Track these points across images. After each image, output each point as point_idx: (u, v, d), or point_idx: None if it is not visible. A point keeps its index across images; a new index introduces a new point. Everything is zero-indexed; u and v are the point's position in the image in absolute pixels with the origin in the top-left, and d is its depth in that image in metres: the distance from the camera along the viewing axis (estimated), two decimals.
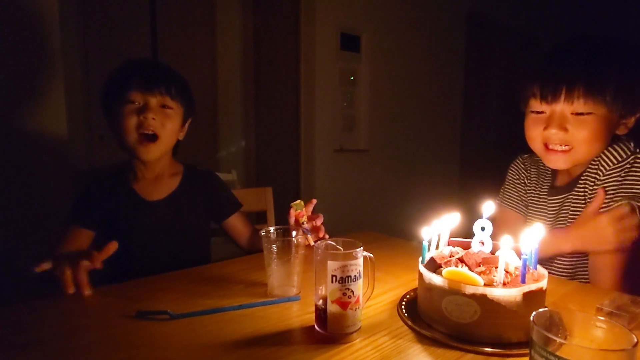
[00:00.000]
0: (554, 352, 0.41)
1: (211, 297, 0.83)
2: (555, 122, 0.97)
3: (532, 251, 0.70)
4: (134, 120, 1.07)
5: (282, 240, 0.85)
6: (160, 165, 1.18)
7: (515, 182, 1.22)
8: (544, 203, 1.12)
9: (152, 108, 1.08)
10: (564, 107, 0.96)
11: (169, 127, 1.11)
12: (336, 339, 0.66)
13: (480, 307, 0.64)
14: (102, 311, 0.77)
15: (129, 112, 1.08)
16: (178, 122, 1.15)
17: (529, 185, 1.19)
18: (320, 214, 1.08)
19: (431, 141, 3.55)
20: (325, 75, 2.76)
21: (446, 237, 0.82)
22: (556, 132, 0.97)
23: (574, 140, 0.96)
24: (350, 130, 2.97)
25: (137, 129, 1.08)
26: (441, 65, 3.54)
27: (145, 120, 1.07)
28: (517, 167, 1.23)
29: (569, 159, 0.99)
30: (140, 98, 1.08)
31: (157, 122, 1.09)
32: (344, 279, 0.65)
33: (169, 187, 1.18)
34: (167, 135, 1.11)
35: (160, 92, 1.09)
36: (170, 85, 1.11)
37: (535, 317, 0.46)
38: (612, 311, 0.70)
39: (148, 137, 1.09)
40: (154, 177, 1.18)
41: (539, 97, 0.99)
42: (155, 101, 1.09)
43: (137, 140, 1.08)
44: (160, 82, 1.10)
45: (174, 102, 1.12)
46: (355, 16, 2.87)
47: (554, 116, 0.97)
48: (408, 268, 1.00)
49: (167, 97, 1.11)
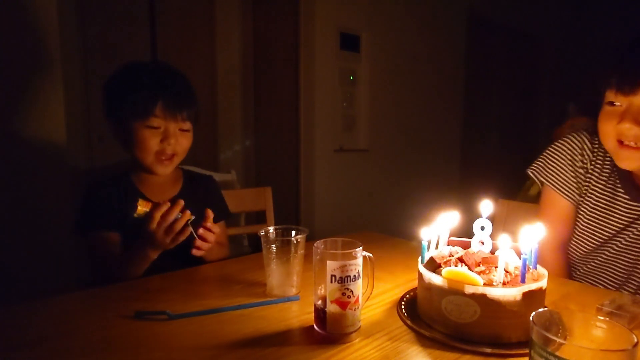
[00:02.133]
0: (553, 352, 0.41)
1: (210, 297, 0.83)
2: (631, 116, 0.86)
3: (532, 250, 0.70)
4: (155, 143, 1.08)
5: (281, 240, 0.84)
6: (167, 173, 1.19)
7: (572, 162, 1.02)
8: (619, 205, 0.98)
9: (172, 134, 1.09)
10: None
11: (185, 146, 1.14)
12: (335, 339, 0.66)
13: (480, 307, 0.63)
14: (101, 311, 0.77)
15: (151, 136, 1.08)
16: (192, 138, 1.17)
17: (591, 174, 1.01)
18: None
19: (432, 141, 3.55)
20: (325, 75, 2.76)
21: (446, 237, 0.82)
22: (630, 126, 0.86)
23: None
24: (350, 130, 2.97)
25: (156, 152, 1.09)
26: (442, 64, 3.53)
27: (168, 147, 1.09)
28: (579, 144, 1.03)
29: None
30: (162, 124, 1.08)
31: (177, 145, 1.11)
32: (343, 278, 0.65)
33: (172, 192, 1.19)
34: (183, 152, 1.14)
35: (182, 117, 1.10)
36: (190, 109, 1.12)
37: (535, 317, 0.46)
38: (612, 311, 0.70)
39: (167, 156, 1.11)
40: (160, 182, 1.18)
41: (614, 88, 0.89)
42: (175, 126, 1.10)
43: (154, 160, 1.10)
44: (182, 107, 1.10)
45: (189, 124, 1.14)
46: (354, 16, 2.87)
47: (630, 109, 0.87)
48: (408, 268, 0.99)
49: (187, 122, 1.12)
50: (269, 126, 3.12)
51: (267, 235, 0.86)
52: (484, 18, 3.86)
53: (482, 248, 0.78)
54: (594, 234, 1.02)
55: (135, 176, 1.17)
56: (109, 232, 1.09)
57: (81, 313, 0.77)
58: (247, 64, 3.14)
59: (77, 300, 0.81)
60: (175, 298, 0.82)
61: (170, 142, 1.09)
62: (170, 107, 1.08)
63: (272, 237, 0.85)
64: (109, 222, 1.09)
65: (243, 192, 1.64)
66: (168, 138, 1.08)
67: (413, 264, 0.76)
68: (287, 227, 0.89)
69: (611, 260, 1.00)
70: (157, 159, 1.10)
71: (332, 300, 0.65)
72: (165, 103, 1.07)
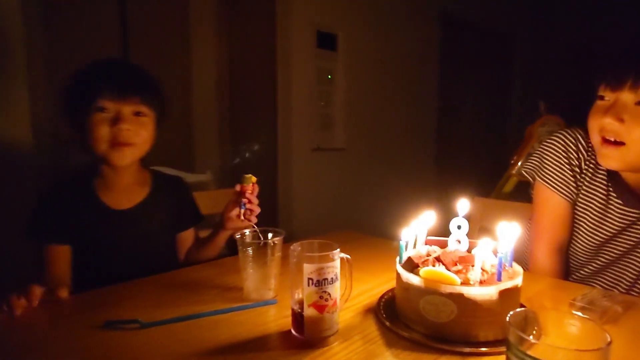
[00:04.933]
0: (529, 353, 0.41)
1: (184, 303, 0.80)
2: (614, 111, 0.88)
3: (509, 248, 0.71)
4: (106, 130, 1.01)
5: (257, 242, 0.83)
6: (130, 171, 1.12)
7: (569, 159, 0.99)
8: (612, 210, 0.96)
9: (125, 118, 1.02)
10: (627, 96, 0.87)
11: (144, 135, 1.06)
12: (313, 343, 0.65)
13: (457, 306, 0.64)
14: (68, 322, 0.74)
15: (100, 120, 1.01)
16: (152, 129, 1.10)
17: (585, 174, 0.99)
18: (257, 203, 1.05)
19: (408, 139, 3.59)
20: (302, 74, 2.74)
21: (423, 236, 0.82)
22: (611, 121, 0.87)
23: (630, 135, 0.86)
24: (328, 129, 2.97)
25: (109, 139, 1.02)
26: (417, 64, 3.57)
27: (120, 132, 1.01)
28: (574, 140, 1.00)
29: (620, 156, 0.89)
30: (112, 106, 1.01)
31: (132, 132, 1.03)
32: (320, 281, 0.64)
33: (139, 196, 1.13)
34: (142, 143, 1.06)
35: (134, 99, 1.03)
36: (145, 92, 1.05)
37: (511, 318, 0.46)
38: (584, 306, 0.71)
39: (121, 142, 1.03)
40: (123, 186, 1.12)
41: (604, 82, 0.91)
42: (129, 109, 1.03)
43: (108, 147, 1.02)
44: (134, 89, 1.03)
45: (148, 109, 1.07)
46: (331, 14, 2.86)
47: (615, 105, 0.88)
48: (387, 268, 0.99)
49: (141, 104, 1.05)
50: (245, 126, 3.08)
51: (243, 237, 0.84)
52: (457, 17, 3.93)
53: (459, 247, 0.79)
54: (590, 237, 0.99)
55: (98, 181, 1.10)
56: (59, 245, 1.03)
57: (48, 324, 0.74)
58: (223, 63, 3.09)
59: (43, 311, 0.77)
60: (147, 305, 0.80)
61: (122, 127, 1.01)
62: (120, 88, 1.01)
63: (248, 240, 0.84)
64: (61, 235, 1.03)
65: (218, 193, 1.61)
66: (120, 122, 1.00)
67: (392, 264, 0.75)
68: (264, 229, 0.88)
69: (609, 264, 0.99)
70: (111, 146, 1.02)
71: (309, 304, 0.64)
72: (115, 80, 1.02)
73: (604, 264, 1.00)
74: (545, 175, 1.01)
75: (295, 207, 2.76)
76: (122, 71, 1.08)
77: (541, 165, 1.03)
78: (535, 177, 1.05)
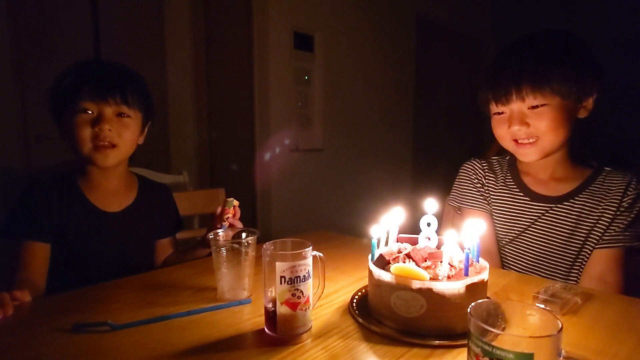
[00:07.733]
0: (489, 342, 0.43)
1: (157, 304, 0.80)
2: (516, 119, 1.02)
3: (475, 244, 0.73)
4: (88, 131, 1.00)
5: (231, 242, 0.83)
6: (117, 173, 1.11)
7: (473, 182, 1.21)
8: (521, 207, 1.13)
9: (107, 118, 1.01)
10: (519, 105, 1.02)
11: (127, 137, 1.05)
12: (286, 341, 0.65)
13: (426, 301, 0.65)
14: (35, 325, 0.72)
15: (82, 122, 1.00)
16: (137, 130, 1.08)
17: (487, 187, 1.20)
18: (238, 221, 1.05)
19: (384, 140, 3.63)
20: (279, 74, 2.74)
21: (395, 234, 0.83)
22: (519, 128, 1.02)
23: (538, 132, 1.01)
24: (306, 130, 2.97)
25: (92, 140, 1.01)
26: (393, 66, 3.62)
27: (101, 132, 1.00)
28: (472, 168, 1.23)
29: (538, 150, 1.03)
30: (94, 107, 1.01)
31: (114, 133, 1.02)
32: (292, 279, 0.64)
33: (127, 199, 1.13)
34: (125, 144, 1.05)
35: (116, 100, 1.02)
36: (127, 92, 1.04)
37: (472, 309, 0.48)
38: (546, 298, 0.74)
39: (105, 145, 1.03)
40: (111, 189, 1.11)
41: (494, 102, 1.06)
42: (111, 110, 1.02)
43: (92, 148, 1.02)
44: (116, 90, 1.02)
45: (131, 110, 1.05)
46: (308, 16, 2.87)
47: (513, 114, 1.03)
48: (360, 266, 1.01)
49: (123, 105, 1.03)
50: (222, 126, 3.05)
51: (216, 238, 0.84)
52: (432, 21, 4.00)
53: (428, 244, 0.81)
54: (504, 230, 1.16)
55: (83, 181, 1.09)
56: (39, 242, 1.01)
57: (13, 328, 0.71)
58: (199, 63, 3.05)
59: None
60: (118, 307, 0.78)
61: (104, 128, 1.00)
62: (104, 87, 1.01)
63: (221, 240, 0.84)
64: (42, 231, 1.01)
65: (195, 194, 1.60)
66: (102, 122, 1.00)
67: (365, 262, 0.77)
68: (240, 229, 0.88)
69: (523, 251, 1.13)
70: (95, 147, 1.01)
71: (282, 301, 0.65)
72: (96, 81, 1.01)
73: (535, 254, 1.11)
74: (463, 200, 1.23)
75: (273, 208, 2.76)
76: (103, 72, 1.07)
77: (458, 194, 1.25)
78: (458, 206, 1.25)
